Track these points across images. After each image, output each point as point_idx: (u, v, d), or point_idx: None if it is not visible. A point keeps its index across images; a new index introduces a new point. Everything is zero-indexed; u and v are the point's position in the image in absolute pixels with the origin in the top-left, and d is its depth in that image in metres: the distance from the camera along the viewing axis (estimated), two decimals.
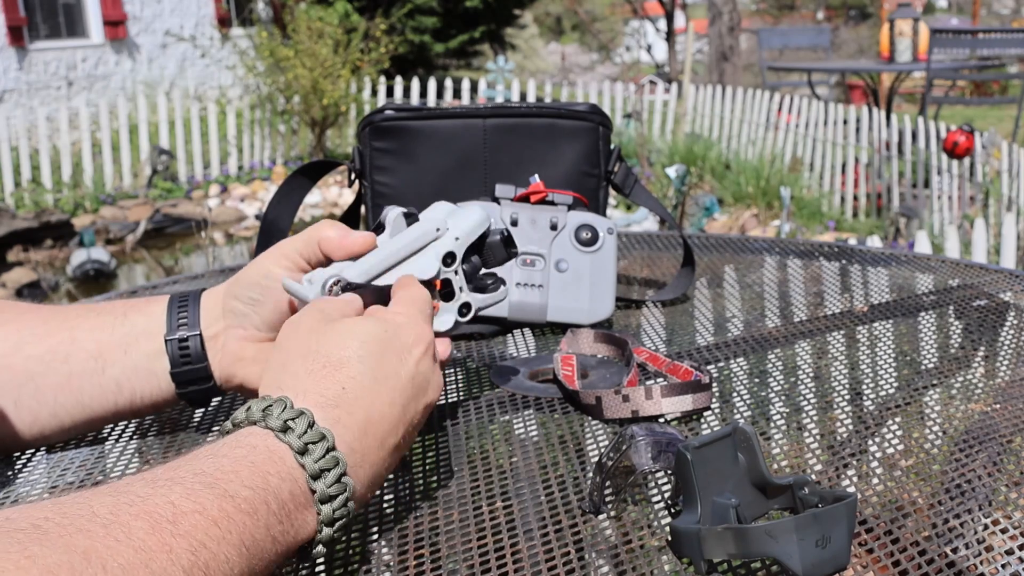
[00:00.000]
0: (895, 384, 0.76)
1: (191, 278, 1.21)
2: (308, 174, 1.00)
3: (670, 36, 12.45)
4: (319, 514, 0.49)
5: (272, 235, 0.95)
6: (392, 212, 0.66)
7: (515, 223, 0.92)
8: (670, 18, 12.46)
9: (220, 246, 6.36)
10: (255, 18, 9.74)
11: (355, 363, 0.54)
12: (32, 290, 5.30)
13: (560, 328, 0.93)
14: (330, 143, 8.10)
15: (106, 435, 0.71)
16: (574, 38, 21.46)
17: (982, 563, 0.50)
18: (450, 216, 0.67)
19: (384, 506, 0.59)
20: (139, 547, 0.40)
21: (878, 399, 0.74)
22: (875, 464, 0.63)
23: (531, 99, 7.34)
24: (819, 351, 0.85)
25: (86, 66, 9.64)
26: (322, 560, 0.53)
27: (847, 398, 0.74)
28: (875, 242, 4.36)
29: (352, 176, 0.99)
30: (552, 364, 0.81)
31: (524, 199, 0.93)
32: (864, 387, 0.76)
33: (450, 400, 0.76)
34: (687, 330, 0.92)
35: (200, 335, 0.66)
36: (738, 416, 0.70)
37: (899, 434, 0.67)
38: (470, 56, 14.39)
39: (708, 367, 0.81)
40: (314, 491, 0.49)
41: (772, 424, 0.69)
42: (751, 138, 6.68)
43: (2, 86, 8.85)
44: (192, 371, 0.66)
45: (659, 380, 0.77)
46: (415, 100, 7.89)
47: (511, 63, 7.76)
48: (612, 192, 1.32)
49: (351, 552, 0.54)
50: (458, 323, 0.67)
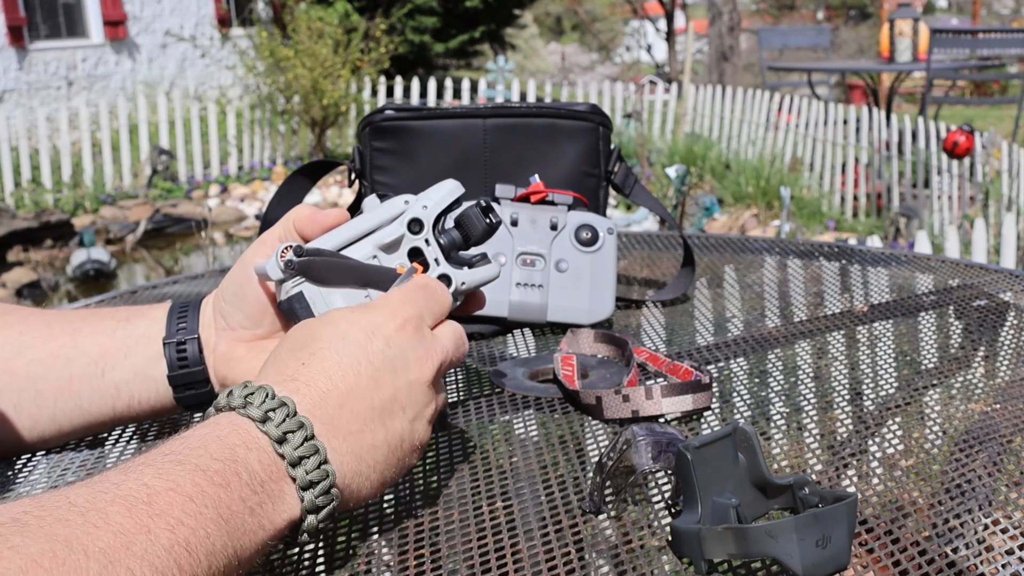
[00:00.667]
0: (895, 384, 0.76)
1: (191, 278, 1.21)
2: (308, 174, 1.00)
3: (670, 36, 12.45)
4: (302, 500, 0.49)
5: None
6: (368, 198, 0.66)
7: (515, 223, 0.92)
8: (670, 18, 12.46)
9: (220, 246, 6.36)
10: (255, 18, 9.74)
11: (321, 341, 0.54)
12: (32, 290, 5.30)
13: (560, 328, 0.93)
14: (330, 143, 8.11)
15: (106, 436, 0.71)
16: (574, 38, 21.46)
17: (982, 563, 0.50)
18: (424, 192, 0.66)
19: (384, 506, 0.59)
20: (117, 530, 0.40)
21: (878, 399, 0.73)
22: (875, 464, 0.63)
23: (531, 99, 7.34)
24: (819, 351, 0.85)
25: (86, 66, 9.64)
26: (322, 560, 0.53)
27: (847, 398, 0.74)
28: (875, 242, 4.36)
29: (352, 176, 0.99)
30: (552, 364, 0.81)
31: (524, 199, 0.93)
32: (864, 387, 0.76)
33: (450, 400, 0.76)
34: (687, 330, 0.92)
35: (198, 339, 0.66)
36: (738, 416, 0.70)
37: (899, 434, 0.67)
38: (470, 56, 14.39)
39: (708, 367, 0.81)
40: (282, 456, 0.49)
41: (772, 424, 0.69)
42: (751, 138, 6.67)
43: (2, 86, 8.85)
44: (189, 375, 0.66)
45: (659, 380, 0.77)
46: (415, 100, 7.89)
47: (511, 63, 7.76)
48: (612, 192, 1.32)
49: (351, 552, 0.54)
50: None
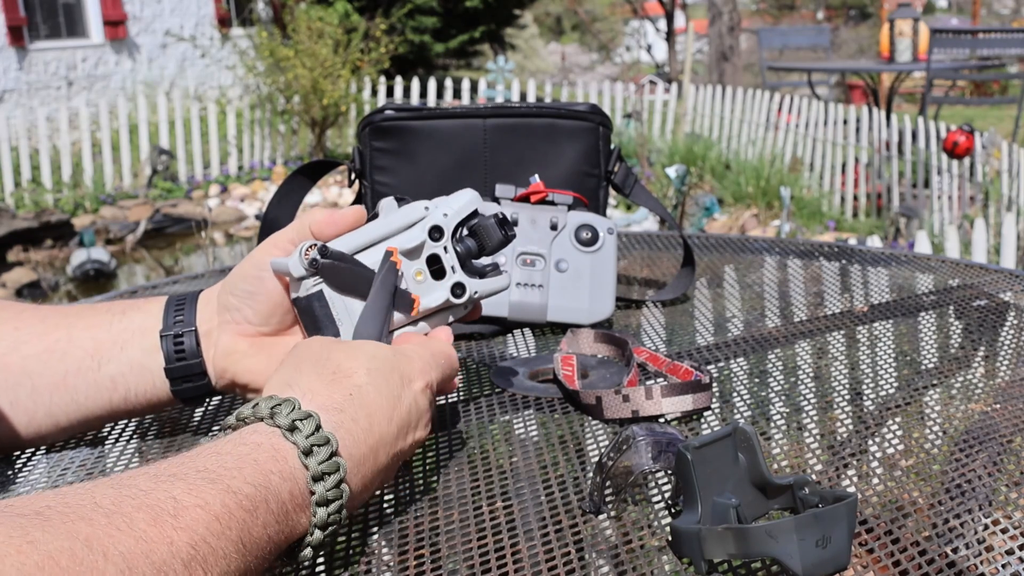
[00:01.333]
0: (895, 384, 0.76)
1: (191, 278, 1.21)
2: (308, 174, 1.00)
3: (670, 36, 12.45)
4: (313, 516, 0.49)
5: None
6: (385, 200, 0.67)
7: (515, 223, 0.92)
8: (670, 18, 12.46)
9: (220, 246, 6.36)
10: (255, 18, 9.74)
11: (362, 374, 0.56)
12: (32, 290, 5.30)
13: (560, 328, 0.93)
14: (330, 143, 8.10)
15: (106, 435, 0.71)
16: (574, 38, 21.45)
17: (982, 563, 0.50)
18: (442, 200, 0.67)
19: (384, 506, 0.59)
20: (140, 537, 0.40)
21: (878, 399, 0.73)
22: (875, 464, 0.63)
23: (531, 99, 7.34)
24: (819, 351, 0.85)
25: (86, 66, 9.64)
26: (323, 560, 0.53)
27: (847, 398, 0.74)
28: (875, 242, 4.36)
29: (352, 176, 0.99)
30: (552, 364, 0.81)
31: (524, 199, 0.93)
32: (864, 387, 0.76)
33: (450, 400, 0.76)
34: (687, 330, 0.92)
35: (195, 331, 0.66)
36: (738, 416, 0.70)
37: (899, 434, 0.67)
38: (470, 56, 14.39)
39: (708, 367, 0.81)
40: (313, 492, 0.49)
41: (772, 424, 0.69)
42: (751, 138, 6.67)
43: (2, 86, 8.85)
44: (186, 367, 0.66)
45: (659, 380, 0.77)
46: (415, 100, 7.89)
47: (511, 63, 7.76)
48: (612, 192, 1.32)
49: (351, 552, 0.54)
50: (451, 303, 0.66)
